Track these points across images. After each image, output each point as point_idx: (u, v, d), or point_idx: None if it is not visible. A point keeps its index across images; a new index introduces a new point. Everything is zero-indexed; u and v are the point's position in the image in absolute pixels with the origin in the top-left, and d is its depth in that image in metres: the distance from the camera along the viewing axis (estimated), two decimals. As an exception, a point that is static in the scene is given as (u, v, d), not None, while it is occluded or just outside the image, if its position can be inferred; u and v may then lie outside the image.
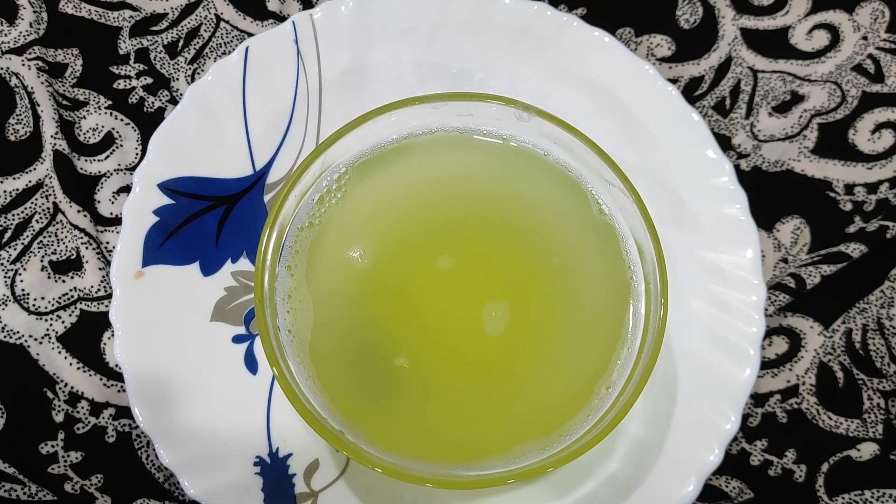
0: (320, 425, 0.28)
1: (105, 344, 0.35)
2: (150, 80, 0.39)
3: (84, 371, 0.35)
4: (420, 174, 0.33)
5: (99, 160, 0.38)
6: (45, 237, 0.36)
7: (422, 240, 0.32)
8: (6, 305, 0.35)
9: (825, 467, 0.35)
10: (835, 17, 0.41)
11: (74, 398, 0.34)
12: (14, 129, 0.37)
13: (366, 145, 0.32)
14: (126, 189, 0.37)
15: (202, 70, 0.39)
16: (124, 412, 0.35)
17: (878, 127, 0.39)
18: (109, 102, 0.38)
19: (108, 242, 0.36)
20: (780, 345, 0.36)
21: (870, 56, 0.40)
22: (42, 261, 0.36)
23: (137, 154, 0.38)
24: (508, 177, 0.32)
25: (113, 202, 0.37)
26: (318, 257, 0.31)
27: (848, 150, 0.39)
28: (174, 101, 0.39)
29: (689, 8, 0.41)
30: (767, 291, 0.35)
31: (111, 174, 0.37)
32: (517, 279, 0.31)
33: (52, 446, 0.34)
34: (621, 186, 0.30)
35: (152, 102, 0.39)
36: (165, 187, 0.33)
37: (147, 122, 0.38)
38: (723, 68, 0.40)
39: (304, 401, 0.28)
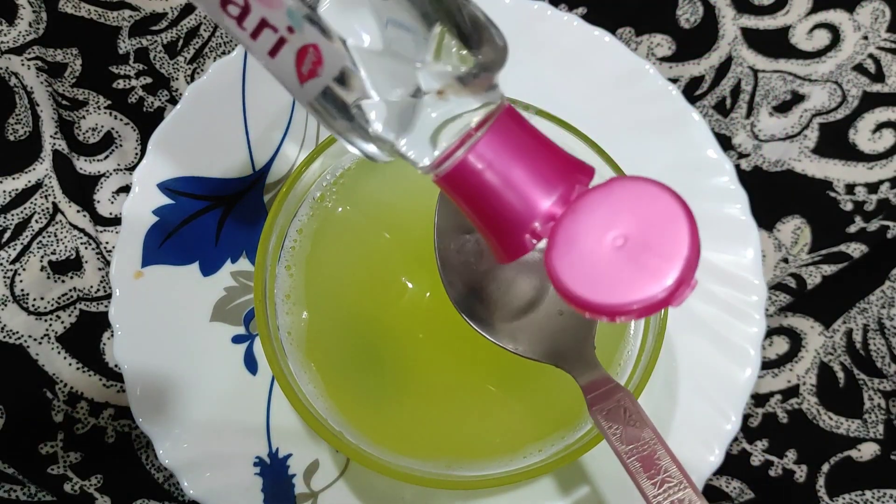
0: (320, 426, 0.28)
1: (105, 344, 0.35)
2: (149, 80, 0.39)
3: (84, 371, 0.35)
4: (421, 174, 0.33)
5: (98, 160, 0.38)
6: (44, 237, 0.36)
7: (422, 240, 0.32)
8: (6, 305, 0.35)
9: (826, 467, 0.35)
10: (835, 16, 0.41)
11: (74, 398, 0.34)
12: (13, 128, 0.37)
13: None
14: (125, 189, 0.37)
15: (202, 70, 0.39)
16: (124, 412, 0.34)
17: (879, 126, 0.39)
18: (109, 102, 0.38)
19: (107, 242, 0.36)
20: (781, 345, 0.36)
21: (870, 56, 0.40)
22: (41, 261, 0.36)
23: (137, 154, 0.38)
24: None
25: (112, 202, 0.37)
26: (317, 258, 0.31)
27: (848, 150, 0.39)
28: (174, 101, 0.39)
29: (689, 7, 0.41)
30: (768, 291, 0.35)
31: (110, 174, 0.37)
32: (517, 279, 0.31)
33: (52, 447, 0.34)
34: None
35: (152, 102, 0.39)
36: (165, 187, 0.33)
37: (147, 122, 0.38)
38: (723, 68, 0.40)
39: (303, 401, 0.28)
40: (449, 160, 0.20)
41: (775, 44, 0.40)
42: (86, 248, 0.36)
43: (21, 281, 0.35)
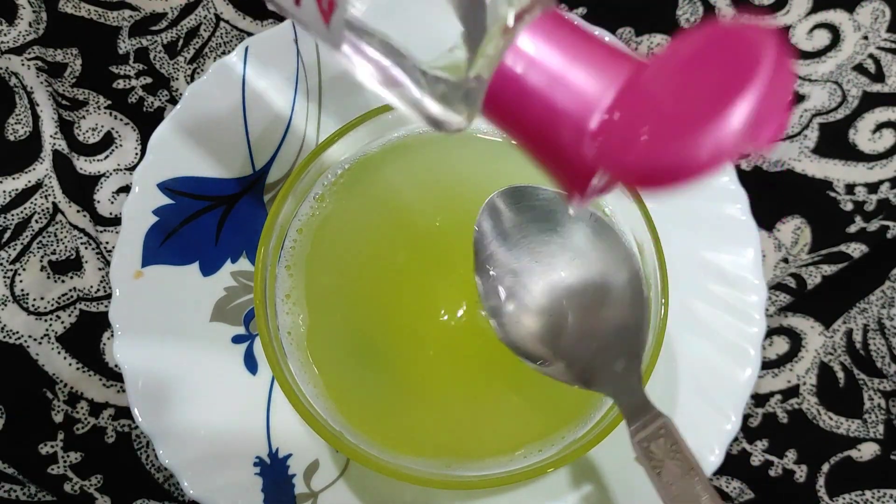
0: (320, 426, 0.28)
1: (105, 344, 0.35)
2: (149, 80, 0.39)
3: (84, 371, 0.35)
4: (421, 173, 0.33)
5: (98, 160, 0.38)
6: (44, 237, 0.36)
7: (422, 239, 0.32)
8: (6, 305, 0.35)
9: (826, 467, 0.35)
10: (835, 16, 0.41)
11: (74, 398, 0.34)
12: (13, 128, 0.37)
13: (365, 145, 0.32)
14: (125, 189, 0.37)
15: (202, 70, 0.39)
16: (124, 412, 0.34)
17: (879, 126, 0.39)
18: (109, 102, 0.38)
19: (107, 242, 0.36)
20: (781, 345, 0.36)
21: (870, 56, 0.40)
22: (41, 261, 0.36)
23: (137, 154, 0.38)
24: (509, 176, 0.32)
25: (112, 202, 0.37)
26: (317, 258, 0.31)
27: (849, 150, 0.39)
28: (174, 101, 0.39)
29: (689, 7, 0.41)
30: (768, 291, 0.35)
31: (110, 174, 0.37)
32: (517, 279, 0.31)
33: (52, 447, 0.34)
34: (621, 186, 0.30)
35: (152, 102, 0.39)
36: (165, 187, 0.33)
37: (146, 122, 0.38)
38: (723, 68, 0.40)
39: (303, 401, 0.28)
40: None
41: (775, 44, 0.40)
42: (86, 248, 0.36)
43: (21, 281, 0.35)
